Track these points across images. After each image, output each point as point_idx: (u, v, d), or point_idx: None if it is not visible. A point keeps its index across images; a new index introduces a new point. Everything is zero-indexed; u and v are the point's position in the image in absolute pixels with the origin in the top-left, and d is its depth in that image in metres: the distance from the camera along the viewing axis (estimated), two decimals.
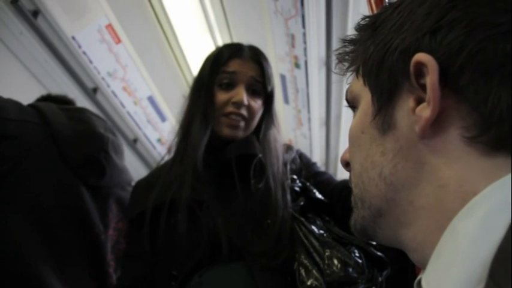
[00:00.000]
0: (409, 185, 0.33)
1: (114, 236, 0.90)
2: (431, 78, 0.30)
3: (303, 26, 1.65)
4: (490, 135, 0.28)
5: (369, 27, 0.39)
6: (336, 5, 1.53)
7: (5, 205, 0.73)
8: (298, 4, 1.58)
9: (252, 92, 0.89)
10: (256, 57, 0.91)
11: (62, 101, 1.18)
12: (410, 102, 0.33)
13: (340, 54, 0.44)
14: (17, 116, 0.78)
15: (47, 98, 1.19)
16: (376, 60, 0.36)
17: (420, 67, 0.31)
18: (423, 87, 0.32)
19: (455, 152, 0.30)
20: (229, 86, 0.87)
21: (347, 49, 0.43)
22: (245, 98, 0.86)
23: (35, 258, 0.73)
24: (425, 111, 0.31)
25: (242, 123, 0.87)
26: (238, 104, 0.85)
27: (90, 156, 0.85)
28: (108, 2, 1.54)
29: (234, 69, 0.87)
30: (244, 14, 1.81)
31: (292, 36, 1.75)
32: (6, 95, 0.81)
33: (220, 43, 1.94)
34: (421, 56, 0.31)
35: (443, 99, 0.30)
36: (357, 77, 0.41)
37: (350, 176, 0.42)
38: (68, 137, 0.83)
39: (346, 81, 0.45)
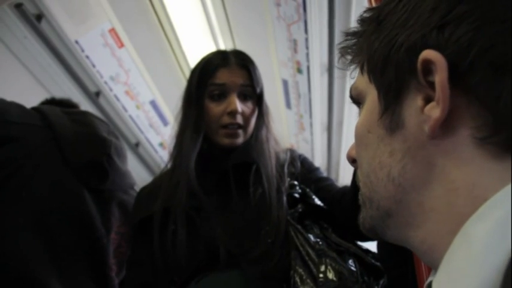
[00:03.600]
0: (419, 187, 0.32)
1: (116, 239, 0.89)
2: (440, 77, 0.29)
3: (306, 31, 1.66)
4: (501, 136, 0.28)
5: (373, 21, 0.37)
6: (338, 11, 1.54)
7: (7, 207, 0.73)
8: (301, 10, 1.59)
9: (244, 98, 0.90)
10: (242, 62, 0.91)
11: (67, 105, 1.18)
12: (418, 100, 0.32)
13: (343, 47, 0.43)
14: (19, 119, 0.78)
15: (51, 102, 1.19)
16: (381, 57, 0.34)
17: (428, 64, 0.30)
18: (431, 85, 0.30)
19: (465, 153, 0.29)
20: (221, 96, 0.88)
21: (350, 42, 0.42)
22: (239, 106, 0.87)
23: (36, 260, 0.72)
24: (434, 111, 0.30)
25: (240, 131, 0.89)
26: (233, 113, 0.86)
27: (92, 159, 0.85)
28: (112, 6, 1.55)
29: (223, 80, 0.88)
30: (246, 20, 1.81)
31: (295, 42, 1.75)
32: (9, 97, 0.81)
33: (223, 48, 1.94)
34: (428, 53, 0.30)
35: (453, 98, 0.29)
36: (362, 73, 0.39)
37: (357, 173, 0.42)
38: (70, 140, 0.83)
39: (349, 84, 0.45)
